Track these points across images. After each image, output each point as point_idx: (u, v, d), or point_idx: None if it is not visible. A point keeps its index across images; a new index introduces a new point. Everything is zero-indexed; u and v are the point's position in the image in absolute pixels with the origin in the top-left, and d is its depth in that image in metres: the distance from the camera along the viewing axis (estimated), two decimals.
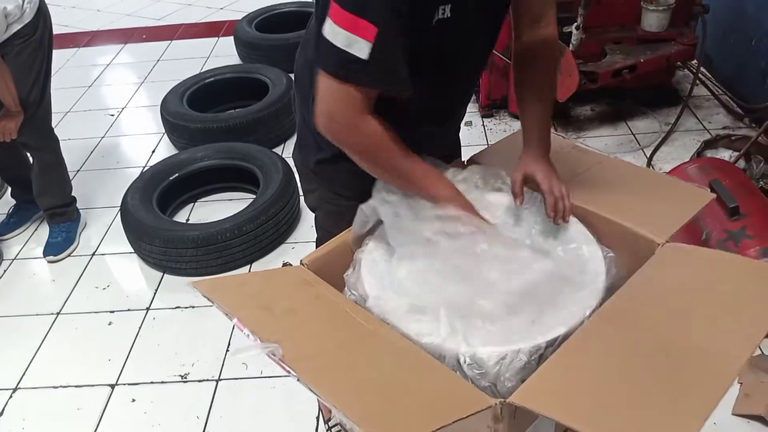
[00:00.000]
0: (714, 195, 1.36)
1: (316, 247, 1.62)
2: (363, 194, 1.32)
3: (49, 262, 2.76)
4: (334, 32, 1.04)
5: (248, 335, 0.99)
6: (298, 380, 0.92)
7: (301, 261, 1.24)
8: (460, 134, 1.59)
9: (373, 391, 0.97)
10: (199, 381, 2.17)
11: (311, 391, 0.91)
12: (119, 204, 2.76)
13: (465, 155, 1.52)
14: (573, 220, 1.31)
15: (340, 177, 1.39)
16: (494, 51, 3.11)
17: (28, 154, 2.79)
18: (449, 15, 1.10)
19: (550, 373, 0.98)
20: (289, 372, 0.93)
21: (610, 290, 1.16)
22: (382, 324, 1.12)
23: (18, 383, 2.23)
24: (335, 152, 1.26)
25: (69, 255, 2.79)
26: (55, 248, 2.78)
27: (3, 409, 2.15)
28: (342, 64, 1.05)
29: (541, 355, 1.05)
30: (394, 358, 1.05)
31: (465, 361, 1.03)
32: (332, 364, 1.01)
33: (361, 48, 1.03)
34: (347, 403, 0.90)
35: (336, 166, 1.34)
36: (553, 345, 1.05)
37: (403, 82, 1.10)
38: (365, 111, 1.12)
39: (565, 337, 1.05)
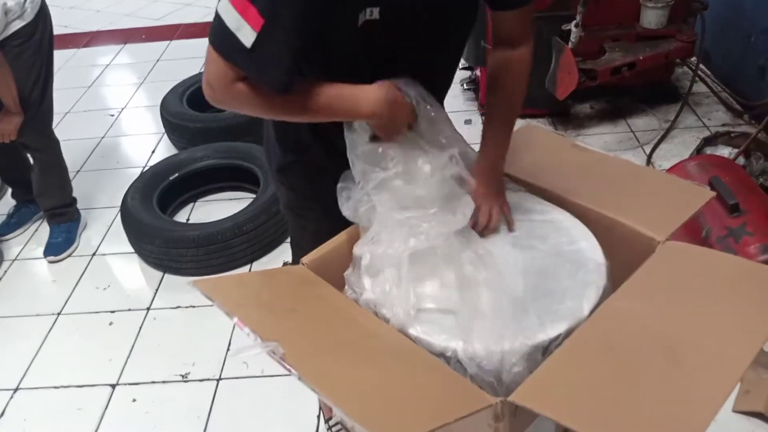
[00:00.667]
0: (714, 193, 1.36)
1: (292, 249, 1.63)
2: (320, 199, 1.34)
3: (49, 262, 2.76)
4: (227, 10, 1.02)
5: (249, 334, 0.99)
6: (299, 379, 0.92)
7: (300, 260, 1.25)
8: (461, 131, 1.59)
9: (373, 390, 0.97)
10: (200, 380, 2.17)
11: (312, 390, 0.91)
12: (119, 204, 2.76)
13: None
14: (565, 215, 1.31)
15: (297, 180, 1.41)
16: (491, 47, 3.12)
17: (29, 155, 2.78)
18: (377, 17, 1.08)
19: (551, 372, 0.98)
20: (289, 371, 0.93)
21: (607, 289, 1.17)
22: (382, 323, 1.12)
23: (19, 383, 2.24)
24: (291, 158, 1.27)
25: (69, 255, 2.79)
26: (56, 248, 2.78)
27: (4, 410, 2.15)
28: (226, 44, 1.04)
29: (543, 352, 1.05)
30: (395, 357, 1.05)
31: (466, 359, 1.03)
32: (333, 363, 1.02)
33: (246, 35, 1.01)
34: (348, 401, 0.90)
35: (293, 172, 1.35)
36: (556, 342, 1.05)
37: (278, 81, 1.07)
38: (239, 81, 1.09)
39: (567, 334, 1.05)
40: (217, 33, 1.05)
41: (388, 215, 1.19)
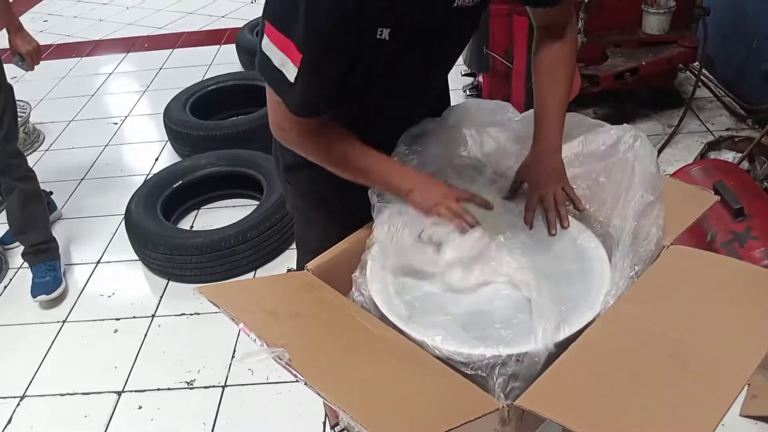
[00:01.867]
0: (717, 197, 1.36)
1: (297, 246, 1.64)
2: (325, 202, 1.39)
3: (42, 301, 2.56)
4: (271, 50, 1.07)
5: (255, 340, 0.99)
6: (305, 384, 0.92)
7: (305, 266, 1.25)
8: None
9: (380, 395, 0.97)
10: (205, 387, 2.17)
11: (318, 394, 0.91)
12: (123, 212, 2.76)
13: None
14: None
15: (303, 183, 1.42)
16: (494, 54, 3.13)
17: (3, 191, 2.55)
18: (387, 38, 1.11)
19: (558, 377, 0.98)
20: (296, 376, 0.93)
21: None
22: (388, 328, 1.12)
23: (25, 391, 2.24)
24: (296, 159, 1.29)
25: (61, 293, 2.60)
26: (46, 287, 2.56)
27: (11, 417, 2.15)
28: (277, 81, 1.09)
29: (549, 357, 1.05)
30: (401, 361, 1.05)
31: (472, 363, 1.03)
32: (339, 368, 1.02)
33: (289, 70, 1.06)
34: (355, 406, 0.90)
35: (298, 173, 1.36)
36: (562, 347, 1.05)
37: (321, 111, 1.14)
38: (315, 126, 1.16)
39: (574, 338, 1.05)
40: (268, 72, 1.09)
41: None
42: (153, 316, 2.49)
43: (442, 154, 1.35)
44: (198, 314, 2.46)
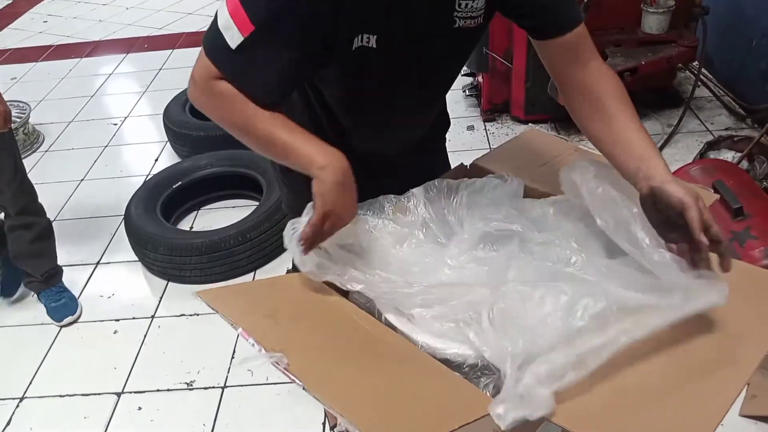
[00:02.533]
0: (717, 196, 1.36)
1: None
2: None
3: (67, 324, 2.51)
4: (221, 8, 1.01)
5: (253, 344, 0.99)
6: (303, 389, 0.92)
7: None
8: (463, 138, 1.60)
9: (379, 398, 0.97)
10: (205, 388, 2.17)
11: (317, 399, 0.91)
12: (123, 213, 2.76)
13: (468, 159, 1.52)
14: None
15: (298, 184, 1.39)
16: (494, 54, 3.13)
17: (22, 228, 2.46)
18: (374, 45, 1.06)
19: None
20: (294, 381, 0.93)
21: None
22: (388, 330, 1.12)
23: (24, 393, 2.24)
24: None
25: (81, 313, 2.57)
26: (66, 309, 2.53)
27: (10, 419, 2.15)
28: (213, 41, 1.03)
29: None
30: (400, 362, 1.05)
31: (478, 364, 1.03)
32: (338, 372, 1.01)
33: (233, 36, 0.99)
34: (353, 410, 0.90)
35: (293, 173, 1.34)
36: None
37: (259, 89, 1.04)
38: (221, 80, 1.06)
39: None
40: (209, 30, 1.04)
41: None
42: (153, 317, 2.49)
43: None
44: (198, 315, 2.46)
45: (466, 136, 3.29)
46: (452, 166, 1.54)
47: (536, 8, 1.11)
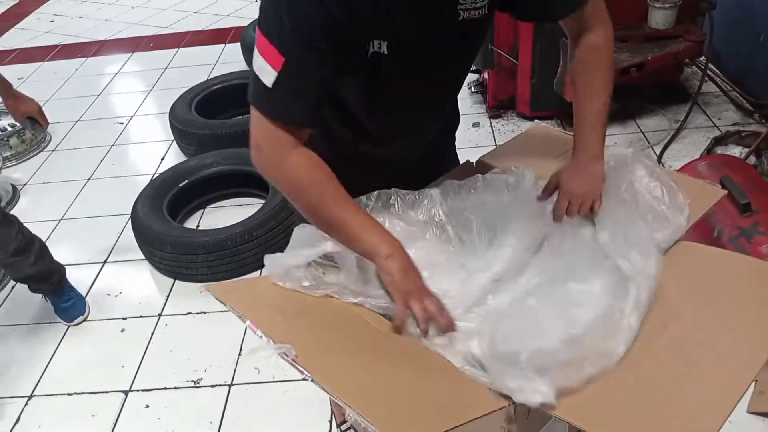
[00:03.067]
0: (725, 192, 1.35)
1: None
2: None
3: (78, 324, 2.51)
4: (255, 56, 1.02)
5: (261, 337, 0.99)
6: (312, 381, 0.92)
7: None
8: (469, 135, 1.60)
9: (386, 391, 0.97)
10: (212, 386, 2.18)
11: (325, 391, 0.91)
12: (130, 211, 2.77)
13: (474, 156, 1.52)
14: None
15: None
16: (500, 51, 3.12)
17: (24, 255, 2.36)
18: (386, 51, 1.08)
19: None
20: (302, 372, 0.93)
21: None
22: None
23: (33, 391, 2.25)
24: None
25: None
26: (76, 309, 2.53)
27: (19, 417, 2.16)
28: (255, 91, 1.03)
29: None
30: (408, 359, 1.05)
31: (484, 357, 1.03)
32: (345, 365, 1.02)
33: (268, 75, 1.00)
34: (361, 403, 0.90)
35: None
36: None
37: (302, 117, 1.06)
38: (291, 146, 1.06)
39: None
40: (251, 85, 1.04)
41: None
42: (160, 315, 2.50)
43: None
44: (204, 313, 2.46)
45: (472, 133, 3.29)
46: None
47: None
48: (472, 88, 3.60)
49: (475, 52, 1.27)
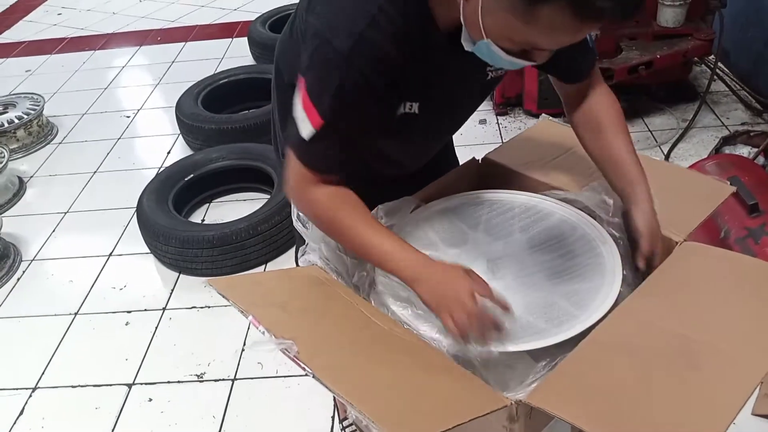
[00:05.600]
0: (733, 188, 1.34)
1: (297, 243, 1.63)
2: None
3: None
4: (296, 107, 1.07)
5: (263, 332, 0.99)
6: (313, 377, 0.92)
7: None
8: (475, 132, 1.63)
9: (388, 389, 0.97)
10: (215, 380, 2.18)
11: (326, 387, 0.91)
12: (135, 205, 2.77)
13: (480, 154, 1.52)
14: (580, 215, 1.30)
15: None
16: None
17: None
18: (417, 112, 1.12)
19: (567, 374, 0.97)
20: (304, 369, 0.93)
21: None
22: (397, 324, 1.11)
23: (37, 383, 2.26)
24: None
25: None
26: None
27: (23, 409, 2.17)
28: (292, 134, 1.09)
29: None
30: (410, 357, 1.04)
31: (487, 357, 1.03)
32: (347, 362, 1.01)
33: (306, 128, 1.06)
34: (363, 400, 0.89)
35: None
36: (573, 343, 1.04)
37: (334, 170, 1.11)
38: (317, 183, 1.12)
39: (584, 335, 1.04)
40: (289, 127, 1.11)
41: None
42: (164, 309, 2.50)
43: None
44: (209, 307, 2.46)
45: (479, 130, 3.27)
46: (462, 161, 1.54)
47: (560, 59, 1.12)
48: None
49: (485, 98, 1.38)
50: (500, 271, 1.23)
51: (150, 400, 2.14)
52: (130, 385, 2.20)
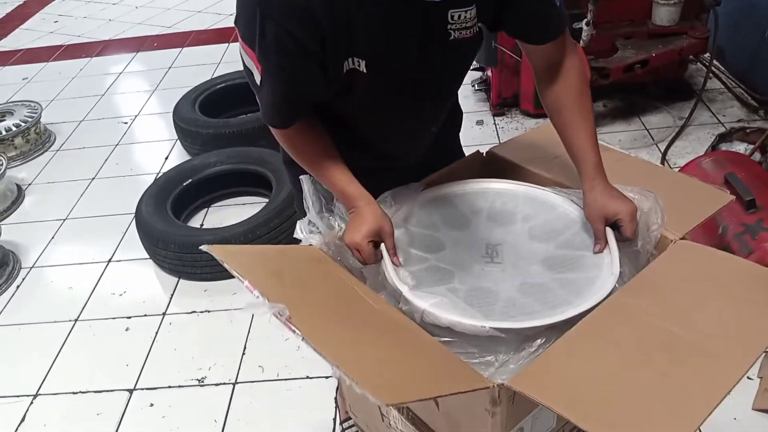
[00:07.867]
0: (733, 197, 1.35)
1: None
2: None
3: None
4: (243, 54, 1.15)
5: (257, 297, 0.99)
6: (302, 339, 0.92)
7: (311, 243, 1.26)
8: (472, 133, 1.62)
9: (375, 357, 0.98)
10: (216, 385, 2.18)
11: (314, 350, 0.91)
12: (134, 210, 2.78)
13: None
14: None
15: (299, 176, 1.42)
16: (503, 48, 3.12)
17: None
18: (365, 70, 1.11)
19: (552, 361, 0.98)
20: (294, 331, 0.93)
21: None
22: (390, 306, 1.13)
23: (38, 389, 2.26)
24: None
25: None
26: None
27: (24, 415, 2.17)
28: (252, 81, 1.16)
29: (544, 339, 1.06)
30: (399, 333, 1.06)
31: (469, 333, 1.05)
32: (337, 330, 1.03)
33: (257, 75, 1.13)
34: (349, 362, 0.89)
35: (295, 166, 1.36)
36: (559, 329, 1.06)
37: (285, 122, 1.19)
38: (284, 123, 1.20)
39: (570, 322, 1.06)
40: (248, 75, 1.18)
41: None
42: (164, 314, 2.50)
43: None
44: (209, 312, 2.47)
45: (476, 131, 3.28)
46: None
47: (527, 19, 1.14)
48: (476, 85, 3.59)
49: (466, 68, 1.31)
50: (499, 256, 1.25)
51: (151, 405, 2.14)
52: (131, 391, 2.20)
